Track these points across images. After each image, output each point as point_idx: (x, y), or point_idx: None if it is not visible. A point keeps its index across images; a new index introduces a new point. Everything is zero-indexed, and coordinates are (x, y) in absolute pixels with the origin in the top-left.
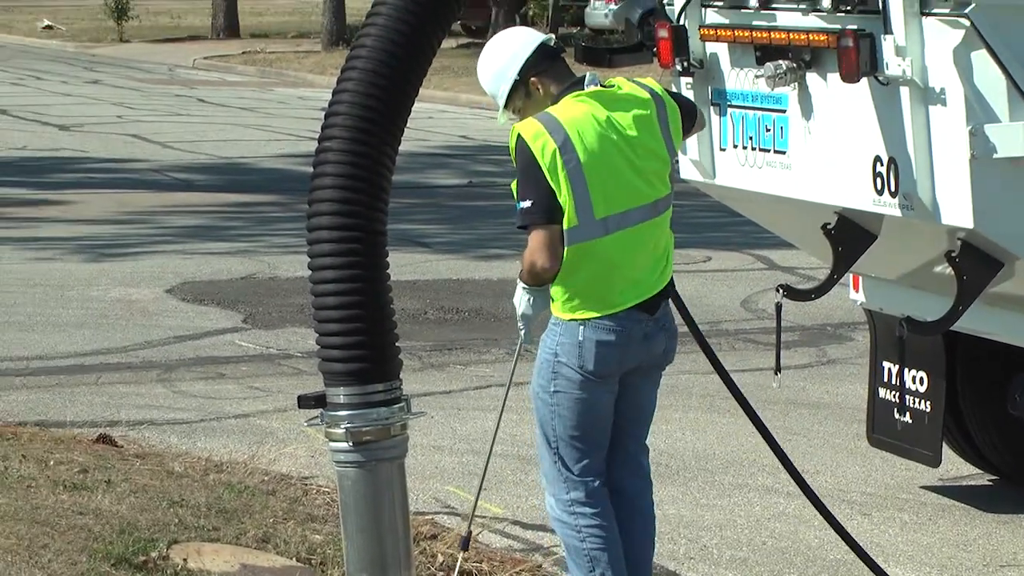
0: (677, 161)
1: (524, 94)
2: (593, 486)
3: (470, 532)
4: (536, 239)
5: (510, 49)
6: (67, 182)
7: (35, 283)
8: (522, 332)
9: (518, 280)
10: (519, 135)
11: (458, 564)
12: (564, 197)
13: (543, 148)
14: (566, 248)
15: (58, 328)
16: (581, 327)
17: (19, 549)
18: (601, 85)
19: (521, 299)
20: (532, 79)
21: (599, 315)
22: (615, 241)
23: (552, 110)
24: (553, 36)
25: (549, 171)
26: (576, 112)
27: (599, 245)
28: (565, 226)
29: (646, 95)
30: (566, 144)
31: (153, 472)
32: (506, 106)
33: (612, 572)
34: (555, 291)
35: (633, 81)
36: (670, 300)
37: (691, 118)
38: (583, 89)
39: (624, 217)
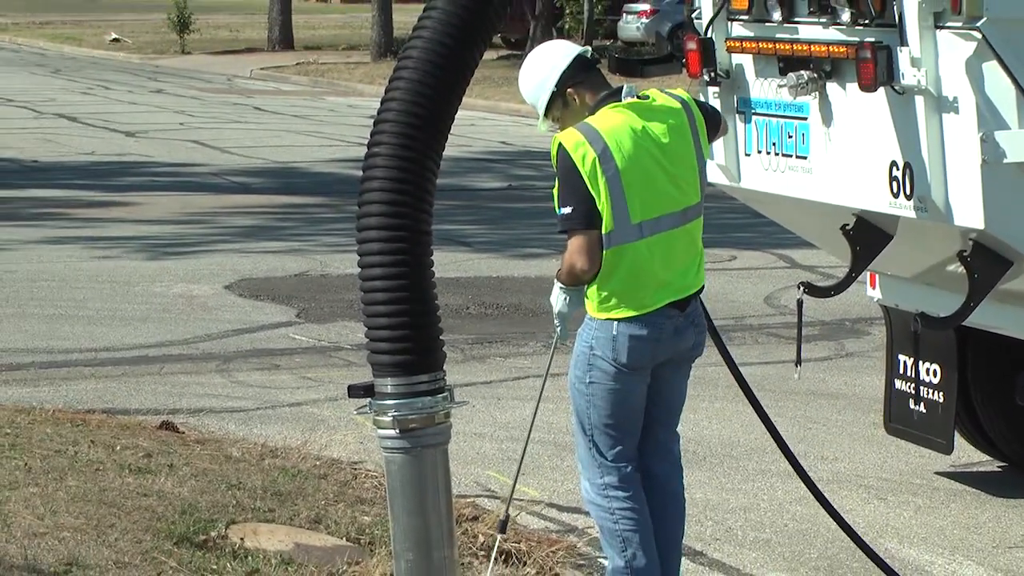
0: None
1: (562, 104)
2: (625, 471)
3: (508, 516)
4: (576, 243)
5: (549, 61)
6: (132, 185)
7: (102, 280)
8: (558, 329)
9: (555, 281)
10: (560, 144)
11: (496, 545)
12: (603, 203)
13: (583, 157)
14: (604, 251)
15: (124, 322)
16: (615, 323)
17: (88, 528)
18: (636, 96)
19: (558, 298)
20: (569, 90)
21: (632, 315)
22: (648, 245)
23: (591, 120)
24: (590, 48)
25: (589, 179)
26: (614, 122)
27: (634, 248)
28: (603, 230)
29: (678, 105)
30: (605, 153)
31: (212, 457)
32: (546, 115)
33: (643, 552)
34: (591, 292)
35: (665, 92)
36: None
37: (715, 125)
38: (620, 100)
39: (657, 223)
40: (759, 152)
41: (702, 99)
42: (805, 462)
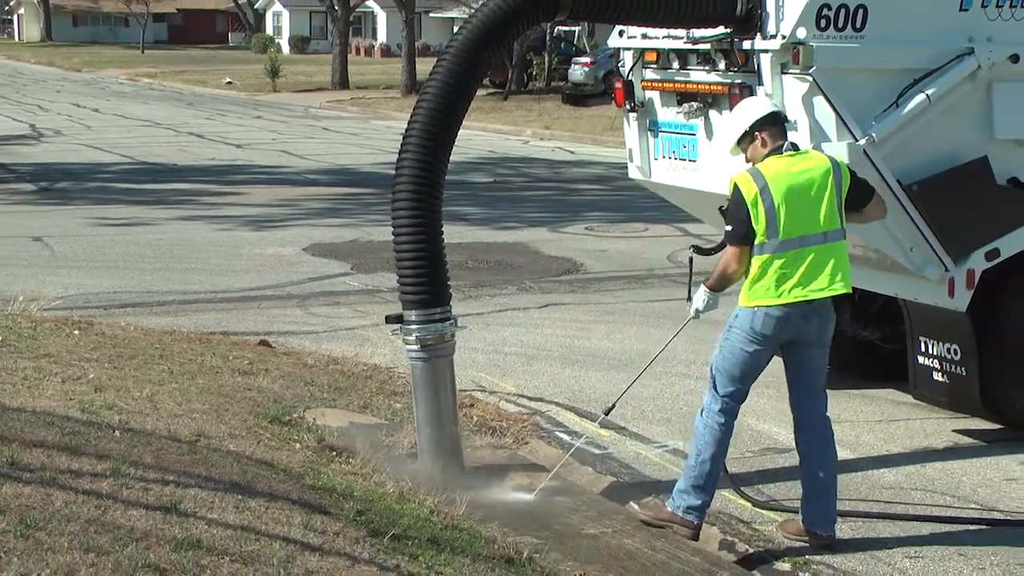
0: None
1: (749, 140)
2: (727, 405)
3: (614, 404)
4: (732, 251)
5: (752, 109)
6: (240, 180)
7: (220, 244)
8: (690, 319)
9: (702, 285)
10: (735, 182)
11: (613, 407)
12: (760, 225)
13: (749, 191)
14: (756, 257)
15: (234, 273)
16: (758, 307)
17: (211, 411)
18: (794, 148)
19: (701, 299)
20: (756, 132)
21: (771, 304)
22: (789, 256)
23: (760, 166)
24: (784, 110)
25: (752, 207)
26: (776, 168)
27: (778, 257)
28: (757, 242)
29: (826, 159)
30: (764, 189)
31: (294, 364)
32: (737, 144)
33: (707, 459)
34: (745, 285)
35: (824, 153)
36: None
37: (862, 193)
38: (781, 152)
39: (799, 240)
40: (664, 157)
41: (860, 177)
42: (694, 367)
